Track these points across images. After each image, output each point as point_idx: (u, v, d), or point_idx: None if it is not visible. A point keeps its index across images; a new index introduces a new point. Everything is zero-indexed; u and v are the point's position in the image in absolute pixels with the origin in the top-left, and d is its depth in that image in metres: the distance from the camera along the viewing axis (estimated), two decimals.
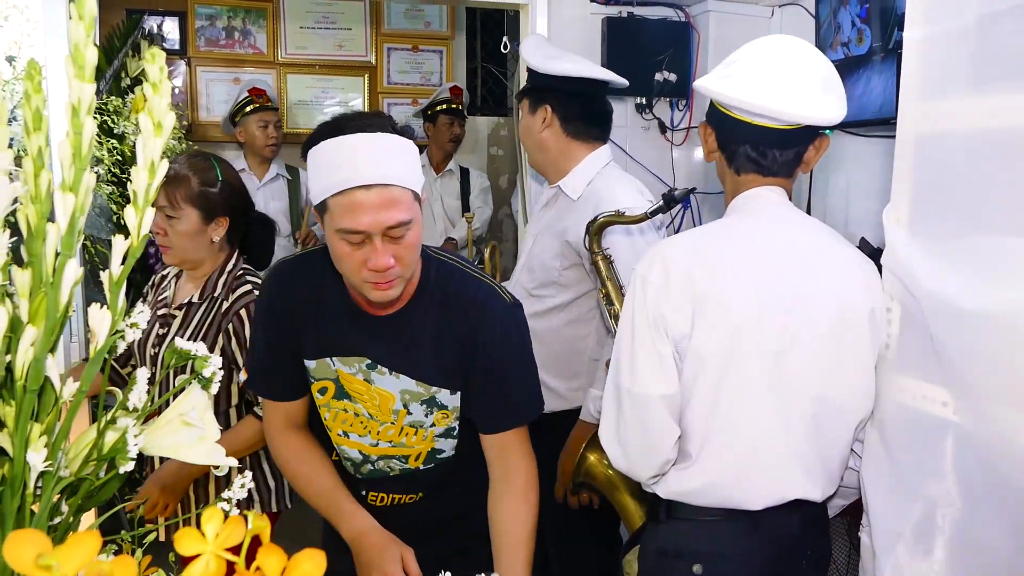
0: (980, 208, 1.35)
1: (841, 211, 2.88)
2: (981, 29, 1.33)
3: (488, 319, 1.61)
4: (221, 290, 2.10)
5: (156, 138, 0.72)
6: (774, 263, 1.57)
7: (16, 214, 0.72)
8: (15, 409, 0.70)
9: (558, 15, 3.06)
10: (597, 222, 2.04)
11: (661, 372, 1.56)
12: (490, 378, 1.63)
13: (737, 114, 1.59)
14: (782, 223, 1.62)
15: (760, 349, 1.53)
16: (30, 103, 0.70)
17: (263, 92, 4.15)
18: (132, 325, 0.76)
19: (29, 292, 0.70)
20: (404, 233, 1.44)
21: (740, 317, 1.53)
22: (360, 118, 1.47)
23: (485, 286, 1.64)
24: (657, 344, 1.55)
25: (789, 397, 1.56)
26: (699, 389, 1.56)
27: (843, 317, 1.56)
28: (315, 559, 0.54)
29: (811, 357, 1.55)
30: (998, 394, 1.28)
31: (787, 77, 1.55)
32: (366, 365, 1.62)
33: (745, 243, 1.59)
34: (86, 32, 0.68)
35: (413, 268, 1.53)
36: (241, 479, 0.83)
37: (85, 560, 0.47)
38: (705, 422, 1.57)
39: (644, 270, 1.59)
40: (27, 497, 0.71)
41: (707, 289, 1.53)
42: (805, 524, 1.63)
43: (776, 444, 1.57)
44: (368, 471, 1.74)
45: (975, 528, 1.36)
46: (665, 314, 1.54)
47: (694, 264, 1.55)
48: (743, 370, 1.54)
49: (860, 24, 2.47)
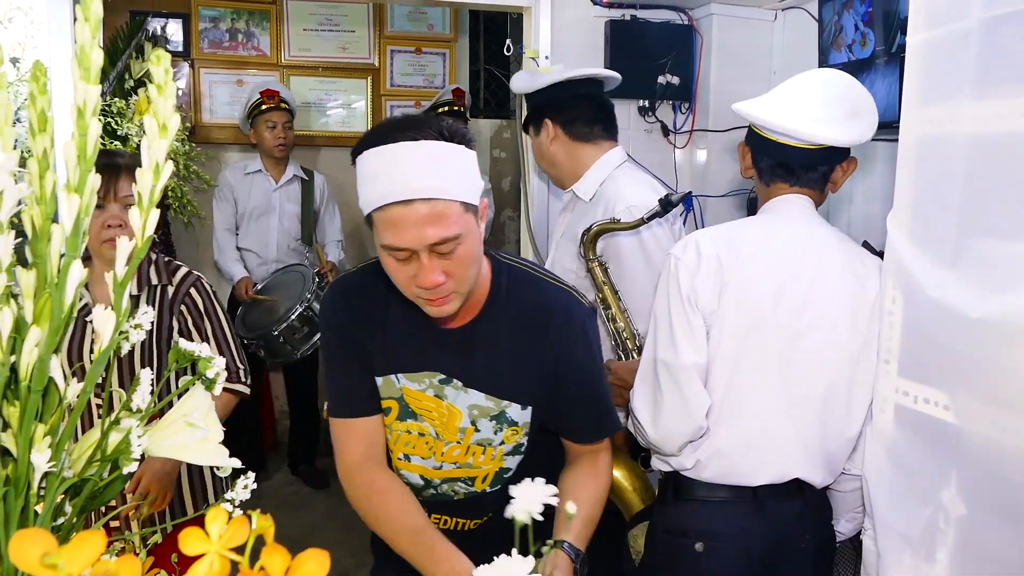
0: (982, 212, 1.35)
1: (844, 214, 2.88)
2: (983, 33, 1.33)
3: (573, 327, 1.53)
4: (159, 278, 2.11)
5: (161, 139, 0.72)
6: (794, 255, 1.71)
7: (21, 215, 0.72)
8: (19, 409, 0.70)
9: (561, 18, 3.06)
10: (592, 230, 2.11)
11: (694, 341, 1.70)
12: (581, 388, 1.56)
13: (768, 134, 1.75)
14: (803, 222, 1.76)
15: (778, 330, 1.67)
16: (35, 104, 0.70)
17: (275, 93, 4.17)
18: (136, 326, 0.76)
19: (34, 293, 0.70)
20: (453, 248, 1.31)
21: (761, 299, 1.67)
22: (405, 125, 1.33)
23: (564, 292, 1.56)
24: (690, 316, 1.69)
25: (800, 379, 1.68)
26: (719, 362, 1.69)
27: (855, 309, 1.68)
28: (318, 559, 0.54)
29: (824, 343, 1.68)
30: (1001, 398, 1.28)
31: (815, 103, 1.72)
32: (439, 380, 1.54)
33: (769, 236, 1.74)
34: (92, 34, 0.68)
35: (470, 283, 1.40)
36: (244, 479, 0.83)
37: (90, 559, 0.47)
38: (722, 394, 1.70)
39: (679, 252, 1.73)
40: (31, 497, 0.71)
41: (732, 272, 1.68)
42: (806, 508, 1.74)
43: (783, 423, 1.69)
44: (430, 495, 1.65)
45: (979, 532, 1.36)
46: (696, 288, 1.68)
47: (722, 250, 1.70)
48: (760, 348, 1.68)
49: (863, 28, 2.47)
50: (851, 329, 1.68)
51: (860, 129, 1.70)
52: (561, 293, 1.55)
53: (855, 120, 1.71)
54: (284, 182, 4.28)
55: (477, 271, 1.41)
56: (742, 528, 1.72)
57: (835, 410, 1.70)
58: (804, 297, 1.68)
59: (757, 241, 1.73)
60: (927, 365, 1.45)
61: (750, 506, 1.72)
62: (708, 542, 1.72)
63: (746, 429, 1.71)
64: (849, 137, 1.69)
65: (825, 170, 1.76)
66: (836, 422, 1.71)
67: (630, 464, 2.12)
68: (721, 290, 1.68)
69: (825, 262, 1.71)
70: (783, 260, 1.70)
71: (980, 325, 1.29)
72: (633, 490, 2.10)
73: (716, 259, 1.69)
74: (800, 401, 1.69)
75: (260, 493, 3.50)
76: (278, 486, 4.32)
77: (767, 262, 1.70)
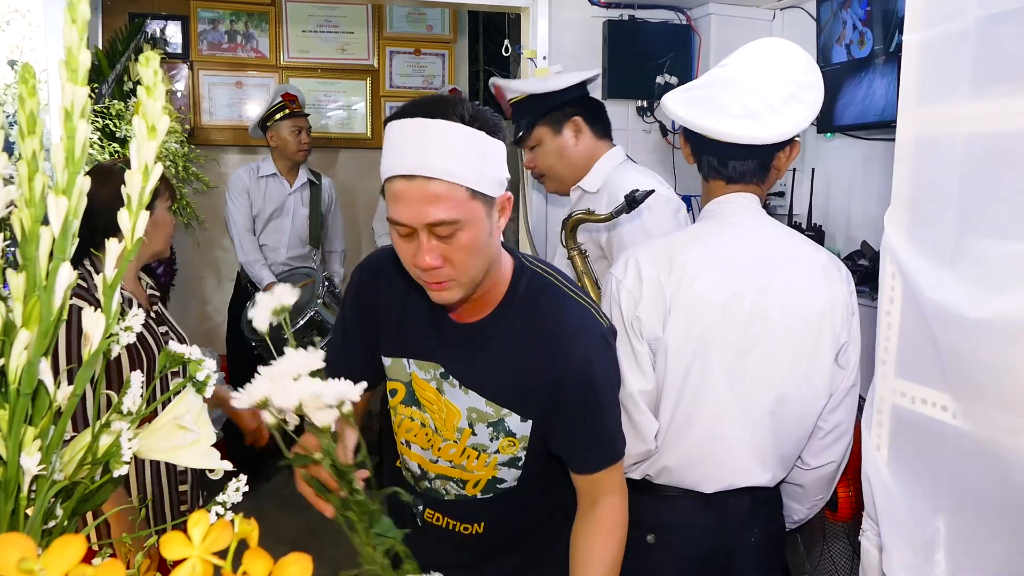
0: (980, 211, 1.34)
1: (843, 214, 2.87)
2: (981, 32, 1.32)
3: (582, 347, 1.46)
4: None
5: (150, 141, 0.72)
6: (738, 269, 1.66)
7: (11, 217, 0.72)
8: (9, 413, 0.70)
9: (559, 18, 3.07)
10: (570, 219, 2.17)
11: (638, 369, 1.68)
12: (582, 413, 1.48)
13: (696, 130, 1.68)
14: (747, 228, 1.71)
15: (724, 349, 1.65)
16: (24, 106, 0.70)
17: (295, 98, 4.19)
18: (127, 329, 0.76)
19: (23, 296, 0.70)
20: (452, 232, 1.29)
21: (706, 319, 1.64)
22: (429, 102, 1.31)
23: (582, 308, 1.49)
24: (634, 344, 1.68)
25: (750, 393, 1.67)
26: (667, 385, 1.68)
27: (804, 317, 1.66)
28: (301, 563, 0.54)
29: (771, 356, 1.66)
30: (1001, 399, 1.28)
31: (743, 96, 1.64)
32: (439, 373, 1.52)
33: (709, 249, 1.69)
34: (80, 36, 0.68)
35: (472, 274, 1.37)
36: (236, 482, 0.82)
37: (70, 565, 0.47)
38: (670, 413, 1.68)
39: (619, 273, 1.71)
40: (21, 501, 0.71)
41: (675, 294, 1.64)
42: (754, 504, 1.76)
43: (734, 437, 1.69)
44: (425, 488, 1.63)
45: (977, 534, 1.35)
46: (640, 316, 1.65)
47: (663, 271, 1.66)
48: (707, 368, 1.65)
49: (861, 27, 2.47)
50: (801, 334, 1.66)
51: (800, 115, 1.63)
52: (580, 308, 1.48)
53: (794, 104, 1.63)
54: (298, 186, 4.29)
55: (483, 264, 1.38)
56: (691, 521, 1.73)
57: (787, 417, 1.69)
58: (749, 312, 1.64)
59: (700, 259, 1.67)
60: (925, 366, 1.45)
61: (700, 502, 1.73)
62: (659, 534, 1.74)
63: (695, 447, 1.69)
64: (779, 130, 1.61)
65: (762, 160, 1.69)
66: (789, 427, 1.71)
67: None
68: (665, 315, 1.65)
69: (771, 270, 1.66)
70: (727, 276, 1.65)
71: (979, 325, 1.28)
72: None
73: (657, 283, 1.65)
74: (751, 413, 1.67)
75: (260, 495, 3.55)
76: (279, 487, 4.31)
77: (711, 281, 1.65)
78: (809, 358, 1.67)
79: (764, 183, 1.73)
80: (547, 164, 2.46)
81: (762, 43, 1.74)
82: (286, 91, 4.23)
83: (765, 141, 1.62)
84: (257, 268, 4.15)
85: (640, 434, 1.68)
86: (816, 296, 1.67)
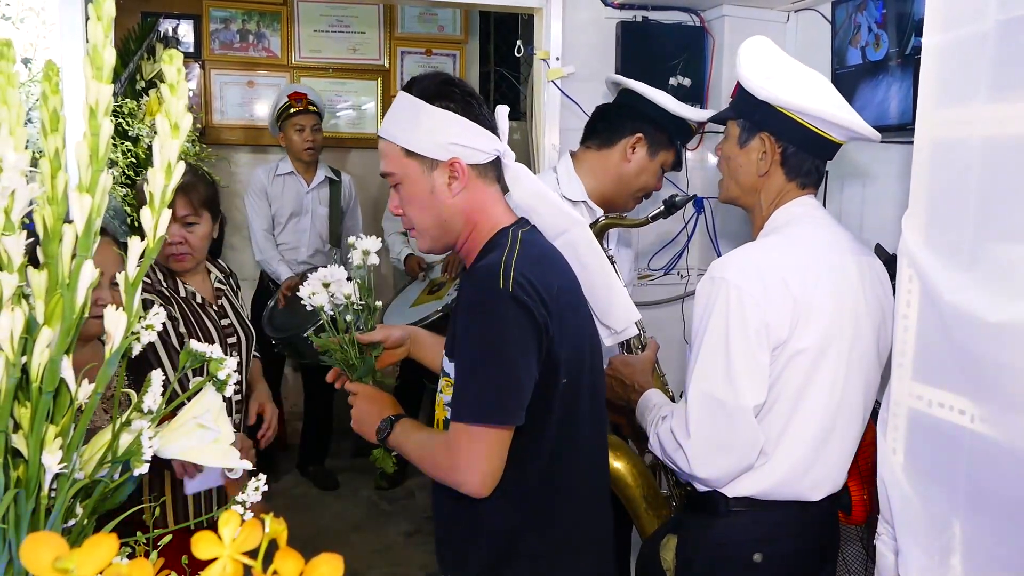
0: (999, 215, 1.33)
1: (856, 217, 2.86)
2: (1000, 35, 1.32)
3: (469, 295, 1.46)
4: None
5: (173, 139, 0.72)
6: (839, 270, 1.66)
7: (33, 215, 0.72)
8: (30, 411, 0.70)
9: (572, 19, 3.05)
10: (599, 224, 2.09)
11: (758, 382, 1.58)
12: (457, 358, 1.46)
13: (808, 122, 1.65)
14: (834, 231, 1.73)
15: (837, 353, 1.63)
16: (47, 104, 0.70)
17: (303, 96, 4.20)
18: (148, 327, 0.75)
19: (45, 293, 0.70)
20: (395, 184, 1.55)
21: (825, 323, 1.61)
22: (421, 77, 1.56)
23: (495, 265, 1.42)
24: (757, 354, 1.57)
25: (849, 395, 1.67)
26: (785, 392, 1.61)
27: (884, 315, 1.70)
28: (332, 563, 0.53)
29: (864, 354, 1.68)
30: (1020, 404, 1.27)
31: (833, 90, 1.69)
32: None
33: (814, 252, 1.66)
34: (104, 33, 0.67)
35: (424, 225, 1.55)
36: (255, 481, 0.82)
37: (103, 563, 0.47)
38: (785, 421, 1.62)
39: (738, 280, 1.57)
40: (42, 499, 0.71)
41: (801, 295, 1.58)
42: (834, 506, 1.76)
43: (836, 441, 1.67)
44: None
45: (994, 538, 1.34)
46: (769, 322, 1.57)
47: (787, 272, 1.59)
48: (823, 373, 1.62)
49: (877, 29, 2.45)
50: (882, 335, 1.70)
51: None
52: (494, 264, 1.42)
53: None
54: (316, 184, 4.30)
55: (431, 219, 1.54)
56: (797, 533, 1.70)
57: (862, 418, 1.73)
58: (854, 315, 1.65)
59: (809, 259, 1.64)
60: (943, 369, 1.44)
61: (802, 511, 1.68)
62: (766, 550, 1.66)
63: (805, 454, 1.65)
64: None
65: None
66: (859, 428, 1.73)
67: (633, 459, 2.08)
68: (793, 318, 1.58)
69: (852, 271, 1.68)
70: (834, 278, 1.64)
71: (999, 329, 1.27)
72: (636, 486, 2.07)
73: (783, 284, 1.58)
74: (844, 417, 1.68)
75: (270, 494, 3.49)
76: (288, 487, 4.32)
77: (824, 282, 1.62)
78: (879, 361, 1.73)
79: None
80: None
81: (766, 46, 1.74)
82: (293, 90, 4.24)
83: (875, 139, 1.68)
84: (274, 264, 4.15)
85: (745, 452, 1.61)
86: (886, 301, 1.71)
